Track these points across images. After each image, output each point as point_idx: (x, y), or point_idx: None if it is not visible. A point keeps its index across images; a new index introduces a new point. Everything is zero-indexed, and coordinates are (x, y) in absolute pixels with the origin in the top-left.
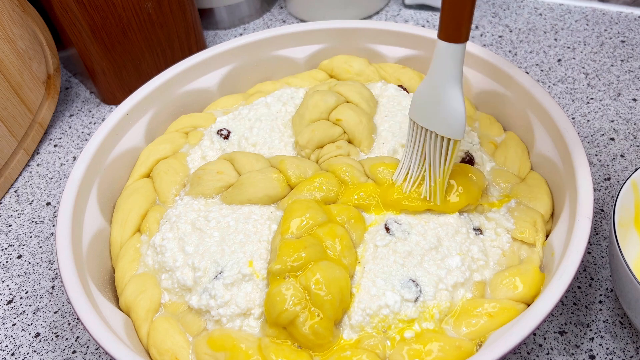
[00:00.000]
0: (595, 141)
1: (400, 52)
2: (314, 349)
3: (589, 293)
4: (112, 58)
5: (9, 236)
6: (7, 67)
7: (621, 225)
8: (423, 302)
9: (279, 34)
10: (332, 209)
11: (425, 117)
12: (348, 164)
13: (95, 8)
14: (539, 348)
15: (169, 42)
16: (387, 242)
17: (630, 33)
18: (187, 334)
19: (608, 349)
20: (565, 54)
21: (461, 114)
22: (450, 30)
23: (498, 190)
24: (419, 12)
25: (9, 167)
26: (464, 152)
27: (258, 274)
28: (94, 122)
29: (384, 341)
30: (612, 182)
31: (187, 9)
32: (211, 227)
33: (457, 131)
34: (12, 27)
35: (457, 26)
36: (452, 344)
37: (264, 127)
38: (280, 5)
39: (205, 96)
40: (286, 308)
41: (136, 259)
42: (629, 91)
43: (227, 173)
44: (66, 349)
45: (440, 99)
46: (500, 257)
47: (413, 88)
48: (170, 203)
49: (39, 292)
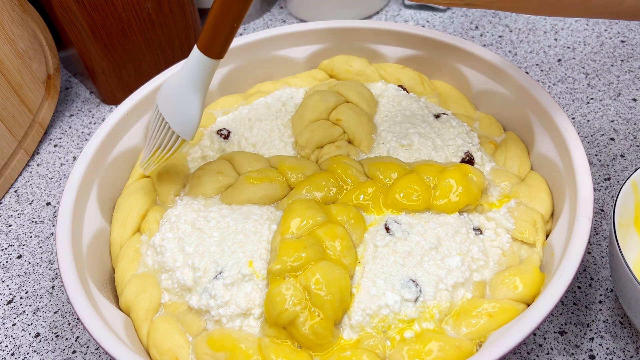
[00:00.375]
0: (595, 141)
1: (400, 52)
2: (314, 349)
3: (589, 293)
4: (112, 58)
5: (9, 236)
6: (7, 67)
7: (621, 225)
8: (423, 302)
9: (279, 34)
10: (332, 209)
11: (165, 107)
12: (348, 164)
13: (95, 8)
14: (539, 348)
15: (169, 42)
16: (387, 242)
17: (630, 33)
18: (187, 334)
19: (608, 349)
20: (565, 54)
21: (195, 121)
22: (207, 42)
23: (498, 190)
24: (419, 12)
25: (9, 167)
26: (464, 152)
27: (258, 274)
28: (94, 122)
29: (384, 341)
30: (612, 182)
31: (187, 9)
32: (211, 227)
33: (188, 134)
34: (12, 27)
35: (212, 41)
36: (452, 344)
37: (263, 127)
38: (280, 5)
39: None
40: (286, 308)
41: (136, 259)
42: (629, 91)
43: (227, 173)
44: (66, 349)
45: (182, 100)
46: (500, 257)
47: (413, 88)
48: (170, 203)
49: (39, 292)
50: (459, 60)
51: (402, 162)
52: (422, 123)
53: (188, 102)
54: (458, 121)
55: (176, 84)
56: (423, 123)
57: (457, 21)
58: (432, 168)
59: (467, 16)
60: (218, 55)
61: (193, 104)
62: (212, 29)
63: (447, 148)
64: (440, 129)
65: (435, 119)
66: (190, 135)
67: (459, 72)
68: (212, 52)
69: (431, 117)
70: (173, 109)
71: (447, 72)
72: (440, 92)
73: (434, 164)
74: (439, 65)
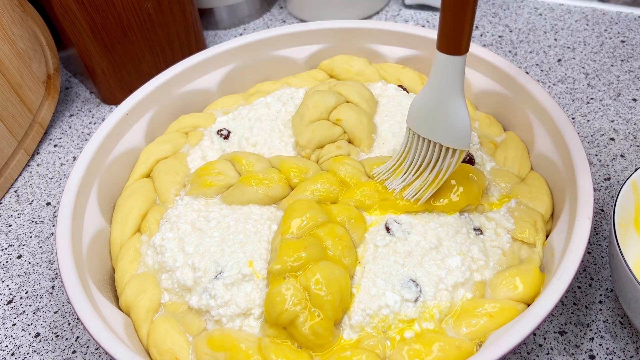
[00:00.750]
0: (595, 141)
1: (400, 52)
2: (314, 349)
3: (589, 293)
4: (112, 58)
5: (9, 236)
6: (7, 67)
7: (621, 225)
8: (423, 302)
9: (279, 34)
10: (333, 209)
11: (427, 128)
12: (348, 164)
13: (95, 8)
14: (539, 348)
15: (169, 42)
16: (388, 242)
17: (630, 33)
18: (187, 334)
19: (608, 349)
20: (565, 54)
21: (467, 125)
22: (451, 42)
23: (498, 190)
24: (419, 12)
25: (9, 167)
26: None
27: (258, 274)
28: (94, 122)
29: (384, 341)
30: (612, 182)
31: (187, 9)
32: (211, 227)
33: (464, 142)
34: (12, 27)
35: (457, 38)
36: (452, 344)
37: (264, 127)
38: (280, 5)
39: (205, 96)
40: (286, 308)
41: (136, 259)
42: (629, 91)
43: (227, 173)
44: (66, 349)
45: (445, 111)
46: (500, 257)
47: (413, 88)
48: (170, 203)
49: (39, 292)
50: None
51: None
52: None
53: (454, 111)
54: None
55: (432, 99)
56: None
57: None
58: None
59: None
60: (466, 50)
61: (460, 109)
62: (455, 25)
63: None
64: None
65: None
66: (468, 142)
67: None
68: (460, 48)
69: None
70: (439, 125)
71: None
72: None
73: None
74: None
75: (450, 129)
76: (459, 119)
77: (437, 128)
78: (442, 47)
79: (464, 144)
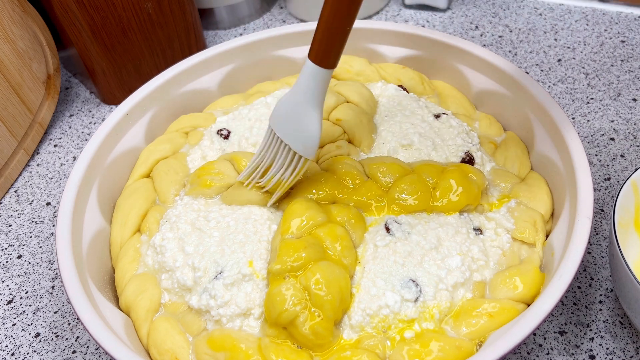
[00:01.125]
0: (595, 141)
1: (400, 52)
2: (314, 349)
3: (589, 293)
4: (112, 58)
5: (9, 236)
6: (7, 67)
7: (621, 225)
8: (423, 302)
9: (279, 34)
10: (332, 209)
11: (283, 128)
12: (348, 164)
13: (95, 8)
14: (539, 348)
15: (169, 42)
16: (387, 242)
17: (630, 33)
18: (187, 334)
19: (608, 349)
20: (565, 54)
21: (316, 137)
22: (321, 54)
23: (498, 190)
24: (419, 12)
25: (9, 167)
26: (464, 152)
27: (258, 274)
28: (94, 122)
29: (384, 341)
30: (612, 182)
31: (187, 9)
32: (211, 227)
33: (310, 152)
34: (12, 27)
35: (328, 52)
36: (452, 344)
37: (264, 127)
38: (280, 5)
39: (205, 96)
40: (286, 308)
41: (136, 259)
42: (629, 91)
43: (227, 173)
44: (66, 349)
45: (300, 118)
46: (500, 257)
47: (413, 88)
48: (170, 203)
49: (39, 292)
50: (458, 60)
51: (402, 162)
52: (422, 123)
53: (307, 119)
54: (458, 121)
55: (292, 102)
56: (423, 123)
57: (457, 21)
58: (432, 168)
59: (467, 16)
60: (333, 65)
61: (312, 120)
62: (326, 38)
63: (447, 148)
64: (440, 128)
65: (435, 118)
66: (314, 153)
67: (459, 72)
68: (327, 62)
69: (431, 117)
70: (292, 129)
71: (447, 72)
72: (440, 92)
73: (434, 164)
74: (439, 65)
75: (301, 136)
76: (310, 129)
77: (290, 131)
78: (312, 55)
79: (310, 153)
